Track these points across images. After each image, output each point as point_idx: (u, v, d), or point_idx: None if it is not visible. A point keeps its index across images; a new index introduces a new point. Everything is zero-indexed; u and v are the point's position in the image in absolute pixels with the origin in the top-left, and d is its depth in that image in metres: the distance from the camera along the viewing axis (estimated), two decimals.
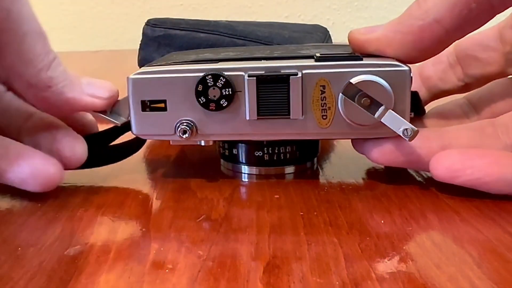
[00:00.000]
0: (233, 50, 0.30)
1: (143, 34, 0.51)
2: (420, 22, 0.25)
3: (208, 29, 0.50)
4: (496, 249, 0.21)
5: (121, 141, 0.31)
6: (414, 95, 0.30)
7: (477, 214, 0.24)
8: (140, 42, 0.51)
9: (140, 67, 0.32)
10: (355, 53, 0.28)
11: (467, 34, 0.26)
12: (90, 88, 0.27)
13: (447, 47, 0.27)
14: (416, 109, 0.30)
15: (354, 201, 0.26)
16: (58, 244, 0.22)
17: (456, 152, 0.25)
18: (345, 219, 0.24)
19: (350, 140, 0.29)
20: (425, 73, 0.33)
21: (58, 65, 0.26)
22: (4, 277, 0.19)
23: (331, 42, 0.59)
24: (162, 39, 0.49)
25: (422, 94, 0.33)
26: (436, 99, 0.33)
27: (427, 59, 0.27)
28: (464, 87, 0.32)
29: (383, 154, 0.27)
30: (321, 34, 0.56)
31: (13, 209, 0.26)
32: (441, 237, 0.22)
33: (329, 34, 0.59)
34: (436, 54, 0.27)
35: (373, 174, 0.30)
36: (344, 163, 0.32)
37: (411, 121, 0.26)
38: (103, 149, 0.31)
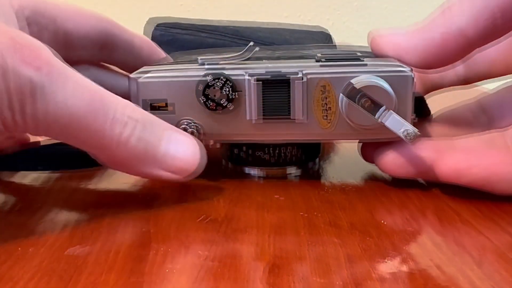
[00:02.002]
0: (235, 51, 0.30)
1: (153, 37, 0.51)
2: (444, 30, 0.25)
3: (215, 32, 0.50)
4: (496, 249, 0.21)
5: None
6: (419, 99, 0.29)
7: (477, 215, 0.24)
8: None
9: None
10: (373, 52, 0.27)
11: (487, 43, 0.25)
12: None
13: (466, 56, 0.26)
14: (421, 112, 0.30)
15: (355, 202, 0.26)
16: (58, 244, 0.22)
17: (461, 152, 0.25)
18: (346, 220, 0.24)
19: (351, 141, 0.29)
20: None
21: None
22: (4, 277, 0.19)
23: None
24: (171, 42, 0.49)
25: (417, 87, 0.32)
26: (431, 91, 0.33)
27: (445, 66, 0.27)
28: (462, 82, 0.32)
29: (394, 166, 0.27)
30: (323, 37, 0.56)
31: (13, 209, 0.26)
32: (441, 237, 0.22)
33: (331, 37, 0.59)
34: (455, 62, 0.27)
35: (374, 175, 0.30)
36: (345, 164, 0.32)
37: (417, 125, 0.26)
38: None
